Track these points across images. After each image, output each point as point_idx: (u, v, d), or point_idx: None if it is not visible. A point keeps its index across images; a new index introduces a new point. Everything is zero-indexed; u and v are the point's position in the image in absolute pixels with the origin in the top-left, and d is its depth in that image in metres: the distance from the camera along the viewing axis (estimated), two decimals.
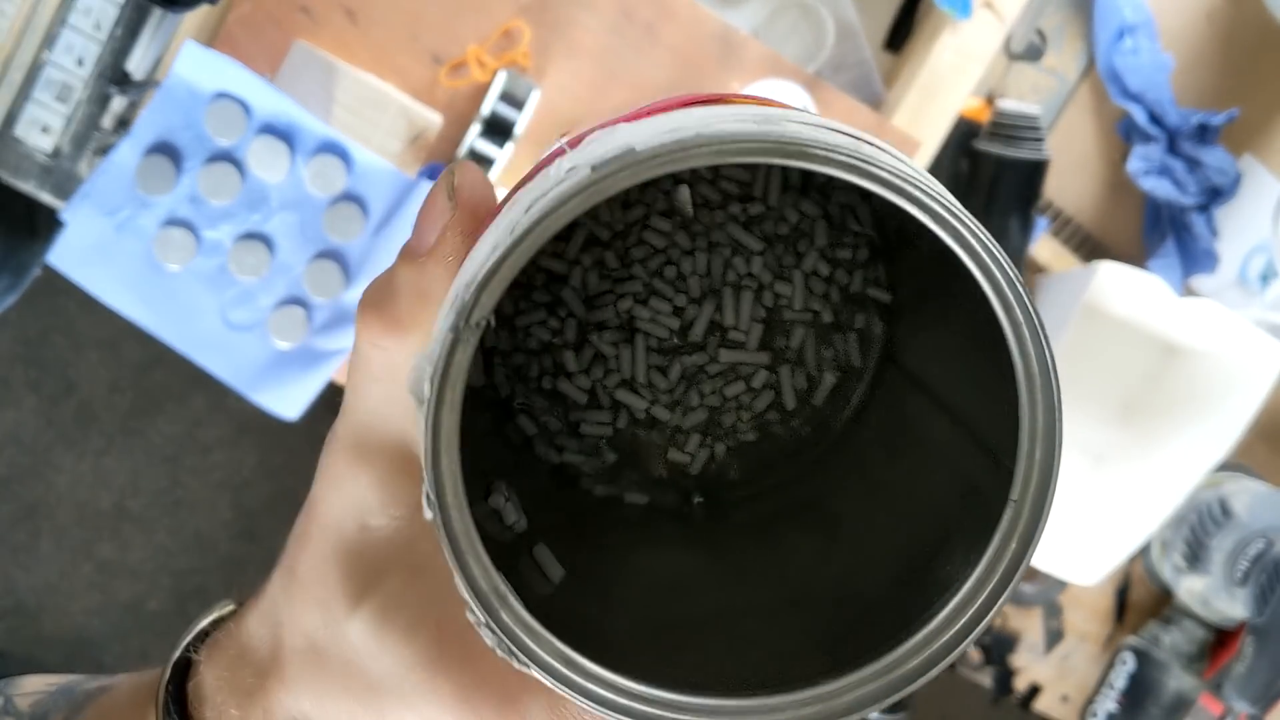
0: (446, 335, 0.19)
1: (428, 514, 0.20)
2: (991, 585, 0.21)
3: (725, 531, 0.29)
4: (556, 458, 0.30)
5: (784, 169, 0.29)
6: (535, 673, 0.20)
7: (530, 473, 0.30)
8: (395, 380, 0.24)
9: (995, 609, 0.21)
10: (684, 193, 0.29)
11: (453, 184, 0.24)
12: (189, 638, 0.28)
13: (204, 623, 0.29)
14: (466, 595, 0.20)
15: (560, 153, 0.20)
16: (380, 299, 0.24)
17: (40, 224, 0.72)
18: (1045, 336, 0.20)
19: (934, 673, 0.21)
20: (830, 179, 0.29)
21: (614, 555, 0.28)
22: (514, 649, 0.20)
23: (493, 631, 0.20)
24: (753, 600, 0.26)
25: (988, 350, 0.21)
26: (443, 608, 0.24)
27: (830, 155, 0.18)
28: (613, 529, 0.29)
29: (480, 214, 0.24)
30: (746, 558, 0.28)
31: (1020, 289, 0.20)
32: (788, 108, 0.21)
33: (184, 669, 0.28)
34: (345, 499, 0.25)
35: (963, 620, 0.21)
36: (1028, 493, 0.21)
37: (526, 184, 0.21)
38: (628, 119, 0.21)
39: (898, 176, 0.19)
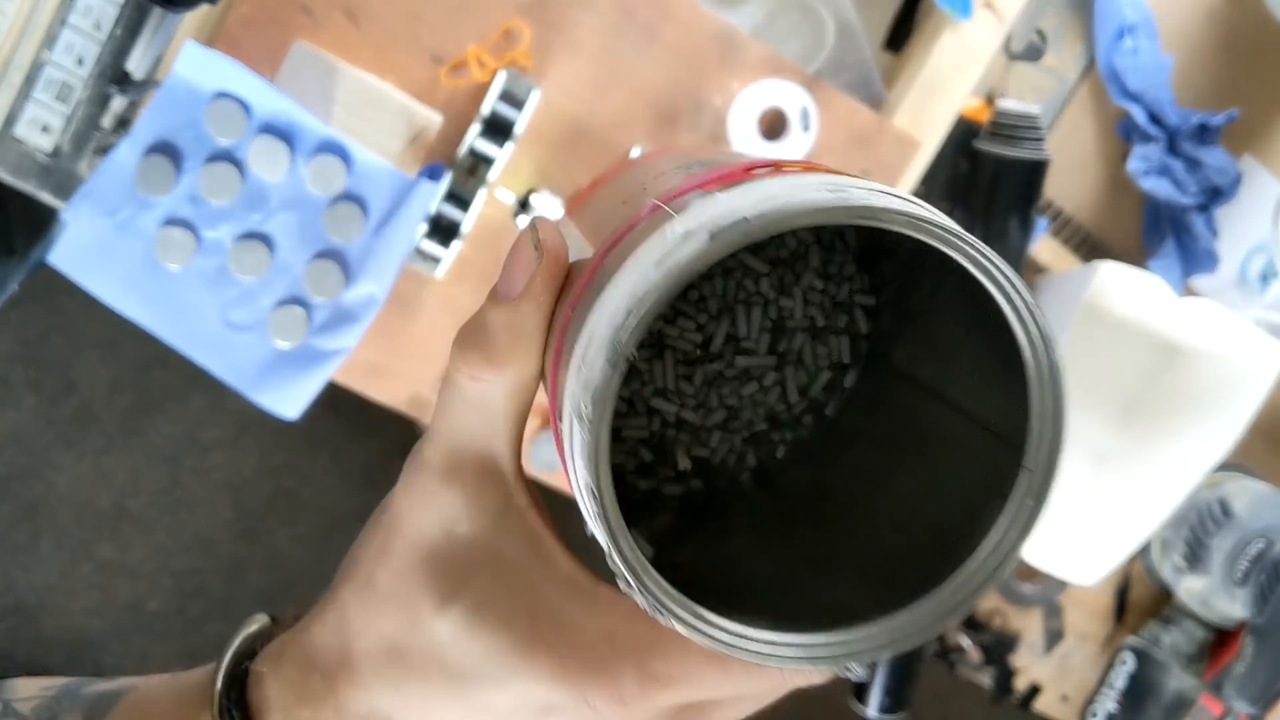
0: (605, 367, 0.23)
1: (593, 507, 0.24)
2: (1014, 533, 0.25)
3: (767, 513, 0.34)
4: None
5: None
6: (675, 625, 0.25)
7: None
8: (489, 407, 0.28)
9: (1016, 549, 0.25)
10: None
11: (537, 238, 0.27)
12: (237, 641, 0.30)
13: (252, 628, 0.31)
14: (623, 568, 0.24)
15: (656, 209, 0.25)
16: (478, 338, 0.27)
17: (18, 243, 0.72)
18: (1053, 341, 0.24)
19: (975, 597, 0.26)
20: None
21: (670, 538, 0.33)
22: (660, 607, 0.25)
23: (645, 595, 0.25)
24: (798, 566, 0.31)
25: (975, 336, 0.26)
26: (534, 598, 0.27)
27: (895, 216, 0.23)
28: (659, 519, 0.34)
29: (561, 261, 0.27)
30: (788, 534, 0.33)
31: (1031, 306, 0.24)
32: (837, 172, 0.25)
33: (238, 680, 0.30)
34: (433, 513, 0.28)
35: (995, 563, 0.26)
36: (1039, 460, 0.25)
37: (620, 238, 0.25)
38: (716, 182, 0.25)
39: (942, 229, 0.23)
